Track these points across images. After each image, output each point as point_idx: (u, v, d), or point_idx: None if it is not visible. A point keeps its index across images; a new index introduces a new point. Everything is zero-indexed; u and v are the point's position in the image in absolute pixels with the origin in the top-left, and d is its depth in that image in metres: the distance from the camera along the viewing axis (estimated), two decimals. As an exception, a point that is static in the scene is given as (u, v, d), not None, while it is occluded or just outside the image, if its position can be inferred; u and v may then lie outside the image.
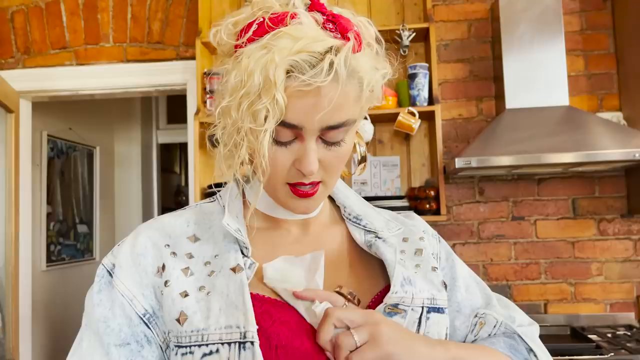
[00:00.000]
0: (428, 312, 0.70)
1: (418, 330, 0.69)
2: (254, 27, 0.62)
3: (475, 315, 0.79)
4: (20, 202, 2.65)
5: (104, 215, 3.88)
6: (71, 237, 3.53)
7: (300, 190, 0.67)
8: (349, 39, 0.61)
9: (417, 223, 0.84)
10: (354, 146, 0.73)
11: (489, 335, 0.78)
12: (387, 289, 0.70)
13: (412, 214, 0.87)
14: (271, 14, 0.62)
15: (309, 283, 0.66)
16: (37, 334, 2.97)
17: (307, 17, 0.62)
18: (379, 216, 0.81)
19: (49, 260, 3.24)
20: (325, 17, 0.63)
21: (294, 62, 0.59)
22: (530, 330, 0.80)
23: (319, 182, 0.68)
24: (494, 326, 0.78)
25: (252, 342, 0.60)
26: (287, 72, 0.60)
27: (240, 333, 0.61)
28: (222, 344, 0.61)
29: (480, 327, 0.78)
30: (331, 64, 0.59)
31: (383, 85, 0.71)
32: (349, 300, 0.65)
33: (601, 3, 2.46)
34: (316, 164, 0.64)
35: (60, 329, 3.31)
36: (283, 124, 0.62)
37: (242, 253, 0.69)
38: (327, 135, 0.64)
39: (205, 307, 0.64)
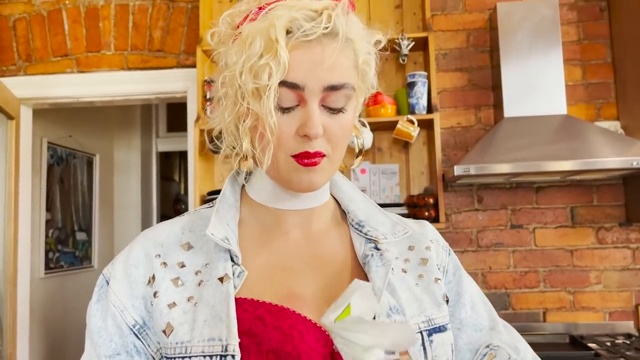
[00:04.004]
0: (429, 334, 0.68)
1: (425, 356, 0.67)
2: (251, 16, 0.65)
3: (487, 346, 0.76)
4: (19, 209, 2.66)
5: (103, 223, 3.88)
6: (70, 244, 3.53)
7: (305, 160, 0.65)
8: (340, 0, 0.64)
9: (427, 232, 0.81)
10: (354, 131, 0.74)
11: None
12: None
13: (425, 222, 0.84)
14: (265, 3, 0.65)
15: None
16: (35, 341, 2.96)
17: None
18: (386, 218, 0.78)
19: (47, 267, 3.23)
20: None
21: (293, 20, 0.62)
22: None
23: (323, 155, 0.66)
24: None
25: (232, 356, 0.60)
26: (287, 32, 0.62)
27: (222, 346, 0.60)
28: (204, 356, 0.61)
29: (490, 359, 0.75)
30: (329, 17, 0.62)
31: (376, 72, 0.73)
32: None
33: (598, 13, 2.48)
34: (320, 126, 0.64)
35: (57, 336, 3.30)
36: (285, 83, 0.62)
37: (232, 260, 0.68)
38: (329, 98, 0.65)
39: (192, 319, 0.64)
